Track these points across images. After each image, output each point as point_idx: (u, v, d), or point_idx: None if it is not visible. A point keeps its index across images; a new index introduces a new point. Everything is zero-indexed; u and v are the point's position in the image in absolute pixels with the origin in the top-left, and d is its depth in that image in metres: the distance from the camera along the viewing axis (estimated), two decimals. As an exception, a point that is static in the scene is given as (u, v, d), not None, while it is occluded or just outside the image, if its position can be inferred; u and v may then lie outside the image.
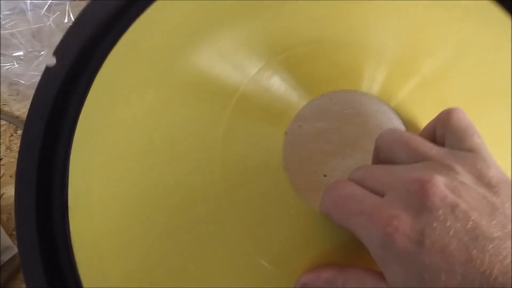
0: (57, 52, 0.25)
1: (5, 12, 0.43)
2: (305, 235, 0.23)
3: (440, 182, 0.19)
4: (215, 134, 0.24)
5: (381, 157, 0.23)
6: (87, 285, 0.22)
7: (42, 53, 0.43)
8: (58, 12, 0.44)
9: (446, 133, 0.22)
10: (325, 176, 0.24)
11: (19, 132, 0.42)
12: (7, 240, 0.38)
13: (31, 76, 0.43)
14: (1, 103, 0.43)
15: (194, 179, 0.23)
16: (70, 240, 0.22)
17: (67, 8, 0.44)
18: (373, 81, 0.26)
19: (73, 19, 0.42)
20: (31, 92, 0.40)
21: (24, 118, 0.41)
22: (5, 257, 0.37)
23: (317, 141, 0.24)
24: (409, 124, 0.25)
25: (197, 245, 0.22)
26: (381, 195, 0.20)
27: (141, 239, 0.22)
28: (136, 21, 0.26)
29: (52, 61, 0.24)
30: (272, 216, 0.23)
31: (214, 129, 0.24)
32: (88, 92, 0.24)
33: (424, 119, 0.25)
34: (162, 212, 0.22)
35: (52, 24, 0.44)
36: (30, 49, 0.44)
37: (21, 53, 0.43)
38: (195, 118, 0.24)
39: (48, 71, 0.24)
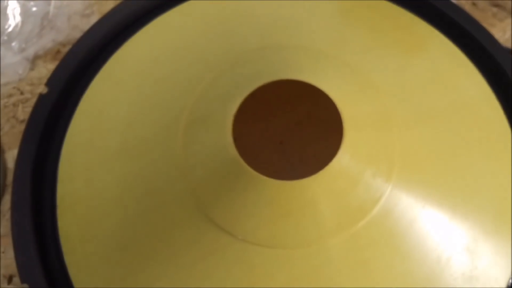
0: (48, 82, 0.30)
1: None
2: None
3: None
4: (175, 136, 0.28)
5: None
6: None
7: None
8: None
9: None
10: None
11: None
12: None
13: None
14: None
15: (160, 177, 0.28)
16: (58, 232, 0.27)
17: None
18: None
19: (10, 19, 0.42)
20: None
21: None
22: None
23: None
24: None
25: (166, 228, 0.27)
26: None
27: (118, 223, 0.27)
28: (110, 58, 0.32)
29: (45, 90, 0.30)
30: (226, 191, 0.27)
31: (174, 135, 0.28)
32: (74, 113, 0.30)
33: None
34: (135, 200, 0.27)
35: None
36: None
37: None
38: (157, 129, 0.29)
39: (41, 97, 0.30)
